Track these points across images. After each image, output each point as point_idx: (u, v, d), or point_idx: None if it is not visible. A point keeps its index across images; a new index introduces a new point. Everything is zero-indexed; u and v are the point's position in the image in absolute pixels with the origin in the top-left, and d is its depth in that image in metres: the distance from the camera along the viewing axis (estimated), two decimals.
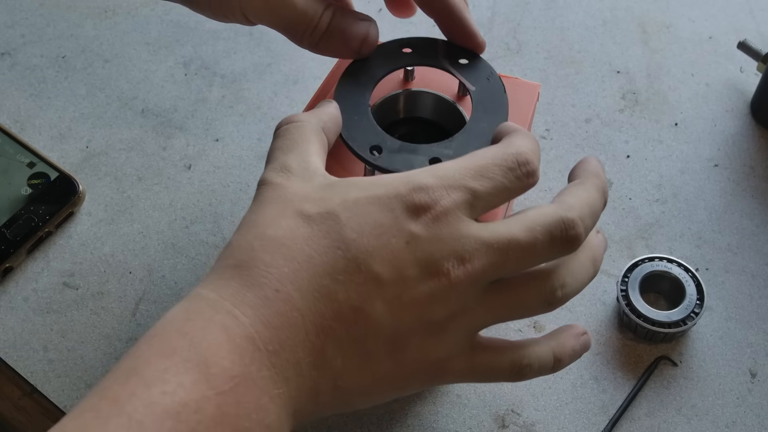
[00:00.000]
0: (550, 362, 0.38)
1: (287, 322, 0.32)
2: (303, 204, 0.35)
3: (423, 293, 0.34)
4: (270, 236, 0.34)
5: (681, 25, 0.66)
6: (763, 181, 0.57)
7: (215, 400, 0.30)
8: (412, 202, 0.34)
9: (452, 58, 0.46)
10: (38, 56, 0.64)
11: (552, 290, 0.36)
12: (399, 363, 0.34)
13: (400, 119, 0.48)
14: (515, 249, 0.35)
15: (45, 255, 0.54)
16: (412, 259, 0.34)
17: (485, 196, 0.35)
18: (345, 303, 0.33)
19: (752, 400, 0.48)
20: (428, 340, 0.34)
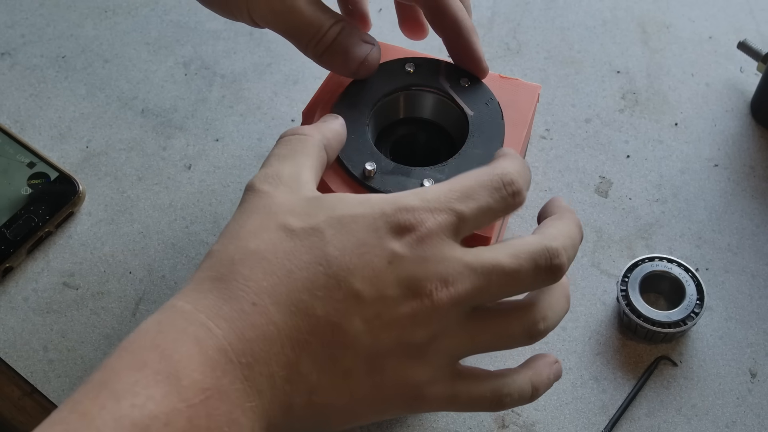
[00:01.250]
0: (529, 392, 0.37)
1: (262, 335, 0.32)
2: (287, 217, 0.35)
3: (404, 314, 0.33)
4: (251, 249, 0.34)
5: (681, 25, 0.66)
6: (763, 181, 0.57)
7: (186, 412, 0.29)
8: (397, 223, 0.34)
9: (453, 80, 0.47)
10: (38, 56, 0.64)
11: (534, 322, 0.36)
12: (377, 385, 0.34)
13: (400, 119, 0.48)
14: (499, 274, 0.34)
15: (45, 255, 0.54)
16: (393, 279, 0.33)
17: (471, 218, 0.35)
18: (323, 318, 0.33)
19: (752, 400, 0.48)
20: (408, 363, 0.34)
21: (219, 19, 0.66)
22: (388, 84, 0.47)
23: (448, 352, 0.35)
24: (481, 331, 0.35)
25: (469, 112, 0.46)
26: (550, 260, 0.35)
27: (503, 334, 0.36)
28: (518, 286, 0.35)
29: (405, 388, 0.34)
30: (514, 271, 0.35)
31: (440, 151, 0.47)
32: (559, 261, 0.35)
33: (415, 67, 0.47)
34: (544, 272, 0.35)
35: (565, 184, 0.57)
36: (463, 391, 0.36)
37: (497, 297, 0.35)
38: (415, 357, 0.34)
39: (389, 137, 0.48)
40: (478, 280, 0.34)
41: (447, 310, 0.34)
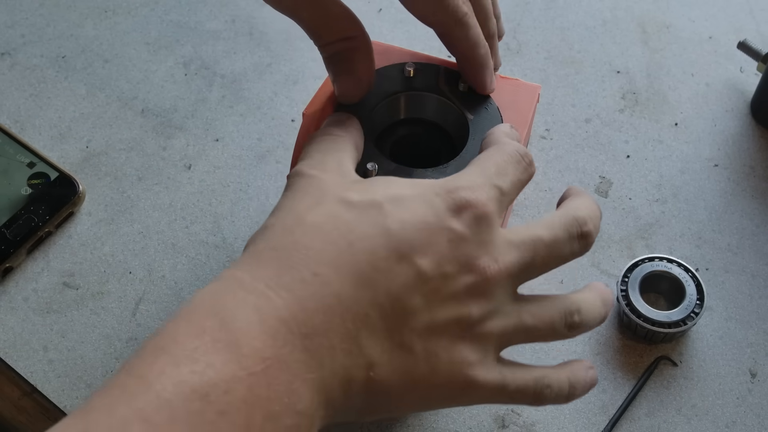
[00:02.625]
0: (566, 389, 0.38)
1: (323, 306, 0.32)
2: (344, 192, 0.35)
3: (460, 289, 0.34)
4: (310, 221, 0.34)
5: (681, 25, 0.66)
6: (763, 181, 0.57)
7: (246, 381, 0.29)
8: (453, 201, 0.35)
9: (452, 84, 0.47)
10: (38, 56, 0.64)
11: (570, 312, 0.37)
12: (432, 366, 0.34)
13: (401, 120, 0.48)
14: (540, 245, 0.36)
15: (45, 255, 0.54)
16: (452, 256, 0.34)
17: (509, 192, 0.37)
18: (383, 292, 0.33)
19: (752, 400, 0.49)
20: (461, 343, 0.34)
21: (219, 19, 0.66)
22: (388, 88, 0.47)
23: (498, 334, 0.35)
24: (526, 314, 0.36)
25: (469, 116, 0.46)
26: (580, 228, 0.38)
27: (545, 319, 0.37)
28: (558, 256, 0.37)
29: (457, 373, 0.35)
30: (552, 241, 0.37)
31: (441, 153, 0.47)
32: (588, 228, 0.38)
33: (415, 71, 0.47)
34: (577, 239, 0.37)
35: (565, 184, 0.57)
36: (510, 378, 0.36)
37: (541, 269, 0.37)
38: (468, 337, 0.34)
39: (389, 138, 0.48)
40: (523, 254, 0.36)
41: (499, 284, 0.35)
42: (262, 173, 0.58)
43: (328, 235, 0.33)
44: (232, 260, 0.54)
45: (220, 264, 0.54)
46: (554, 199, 0.56)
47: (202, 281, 0.53)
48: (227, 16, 0.66)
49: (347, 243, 0.33)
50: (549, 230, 0.37)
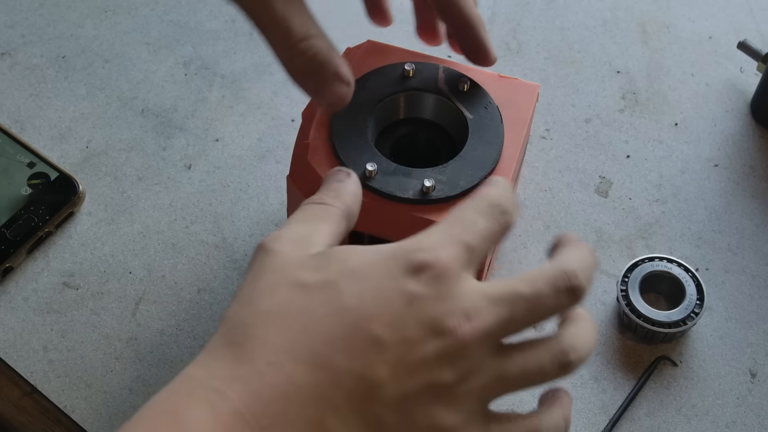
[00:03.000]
0: (562, 426, 0.36)
1: (281, 394, 0.31)
2: (299, 272, 0.34)
3: (429, 354, 0.32)
4: (264, 311, 0.33)
5: (681, 25, 0.66)
6: (763, 181, 0.57)
7: None
8: (411, 263, 0.33)
9: (452, 84, 0.47)
10: (38, 56, 0.64)
11: (563, 352, 0.35)
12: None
13: (401, 120, 0.48)
14: (519, 301, 0.34)
15: (45, 255, 0.54)
16: (414, 320, 0.32)
17: (478, 247, 0.35)
18: (345, 370, 0.31)
19: (752, 400, 0.48)
20: (438, 409, 0.32)
21: (219, 19, 0.66)
22: (388, 88, 0.47)
23: (479, 394, 0.33)
24: (510, 366, 0.34)
25: (469, 116, 0.46)
26: (568, 281, 0.35)
27: (533, 368, 0.35)
28: (540, 312, 0.34)
29: None
30: (534, 296, 0.34)
31: (440, 152, 0.47)
32: (578, 282, 0.35)
33: (415, 71, 0.47)
34: (564, 294, 0.34)
35: (565, 184, 0.57)
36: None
37: (521, 326, 0.34)
38: (446, 401, 0.33)
39: (389, 138, 0.48)
40: (500, 310, 0.33)
41: (473, 345, 0.33)
42: (262, 173, 0.58)
43: (282, 322, 0.32)
44: (232, 260, 0.54)
45: (220, 264, 0.54)
46: (554, 199, 0.56)
47: (202, 281, 0.53)
48: (227, 16, 0.66)
49: (302, 327, 0.32)
50: (531, 285, 0.34)
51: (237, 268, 0.54)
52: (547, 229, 0.55)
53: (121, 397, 0.49)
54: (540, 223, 0.55)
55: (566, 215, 0.56)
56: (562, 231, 0.55)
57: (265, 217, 0.56)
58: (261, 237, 0.55)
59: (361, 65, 0.48)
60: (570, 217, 0.56)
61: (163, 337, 0.51)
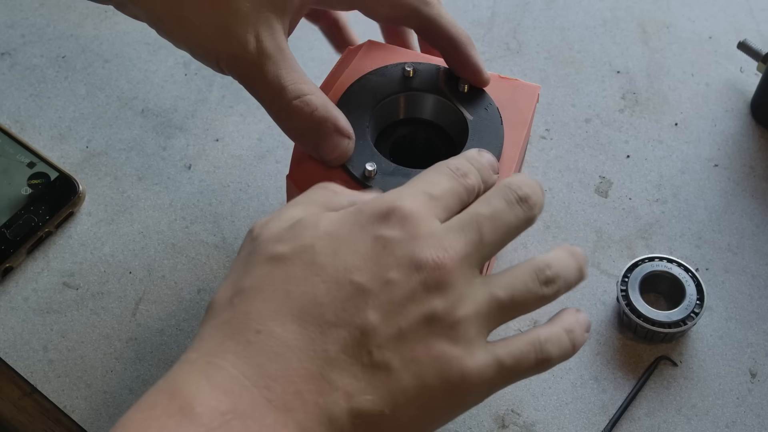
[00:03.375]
0: (566, 339, 0.36)
1: (274, 356, 0.31)
2: (275, 246, 0.35)
3: (415, 288, 0.33)
4: (246, 287, 0.33)
5: (681, 25, 0.66)
6: (763, 181, 0.57)
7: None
8: (376, 210, 0.34)
9: (452, 85, 0.47)
10: (38, 56, 0.64)
11: (540, 268, 0.36)
12: (416, 375, 0.32)
13: (400, 120, 0.48)
14: (482, 220, 0.35)
15: (45, 255, 0.54)
16: (392, 262, 0.33)
17: (441, 198, 0.36)
18: (333, 322, 0.32)
19: (752, 400, 0.49)
20: (438, 338, 0.33)
21: None
22: (388, 88, 0.47)
23: (475, 319, 0.34)
24: (496, 289, 0.35)
25: (469, 117, 0.46)
26: (515, 192, 0.37)
27: (519, 286, 0.35)
28: (505, 227, 0.36)
29: (446, 371, 0.33)
30: (492, 212, 0.36)
31: (440, 153, 0.47)
32: (524, 191, 0.37)
33: (415, 71, 0.47)
34: (517, 205, 0.36)
35: (565, 184, 0.57)
36: (503, 353, 0.34)
37: (494, 243, 0.36)
38: (443, 331, 0.33)
39: (389, 138, 0.48)
40: (469, 234, 0.35)
41: (454, 272, 0.34)
42: (262, 173, 0.58)
43: (264, 293, 0.33)
44: (232, 260, 0.54)
45: (220, 264, 0.54)
46: (554, 199, 0.56)
47: (202, 281, 0.53)
48: None
49: (284, 293, 0.33)
50: (486, 204, 0.36)
51: None
52: (547, 229, 0.55)
53: (121, 397, 0.49)
54: (540, 223, 0.55)
55: (566, 215, 0.56)
56: (562, 230, 0.55)
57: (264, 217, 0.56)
58: None
59: (361, 65, 0.48)
60: (570, 217, 0.56)
61: (163, 337, 0.51)
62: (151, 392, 0.31)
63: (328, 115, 0.42)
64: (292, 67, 0.42)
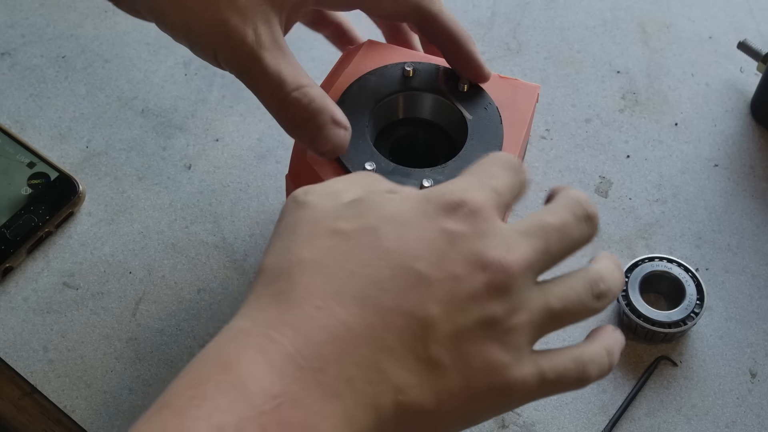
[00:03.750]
0: (606, 359, 0.37)
1: (332, 336, 0.31)
2: (337, 222, 0.34)
3: (477, 288, 0.32)
4: (307, 259, 0.33)
5: (681, 25, 0.66)
6: (763, 181, 0.57)
7: (257, 420, 0.28)
8: (445, 202, 0.34)
9: (452, 84, 0.47)
10: (38, 56, 0.64)
11: (594, 281, 0.36)
12: (464, 376, 0.32)
13: (400, 120, 0.48)
14: (550, 230, 0.35)
15: (45, 255, 0.54)
16: (458, 257, 0.33)
17: (503, 194, 0.36)
18: (395, 310, 0.31)
19: (752, 400, 0.49)
20: (492, 344, 0.33)
21: None
22: (387, 88, 0.47)
23: (527, 329, 0.34)
24: (551, 298, 0.35)
25: (468, 117, 0.46)
26: (583, 208, 0.37)
27: (572, 297, 0.35)
28: (570, 240, 0.36)
29: (493, 377, 0.33)
30: (561, 225, 0.35)
31: (439, 153, 0.47)
32: (592, 209, 0.37)
33: (414, 71, 0.47)
34: (584, 221, 0.36)
35: (565, 184, 0.57)
36: (547, 367, 0.34)
37: (556, 257, 0.36)
38: (497, 337, 0.33)
39: (389, 138, 0.48)
40: (536, 241, 0.34)
41: (518, 277, 0.33)
42: (262, 173, 0.58)
43: (327, 269, 0.32)
44: (232, 260, 0.54)
45: (220, 264, 0.54)
46: None
47: (202, 281, 0.53)
48: None
49: (348, 273, 0.32)
50: (555, 215, 0.36)
51: (237, 268, 0.54)
52: None
53: (121, 397, 0.49)
54: None
55: None
56: None
57: (265, 217, 0.56)
58: (261, 237, 0.55)
59: (361, 65, 0.48)
60: None
61: (163, 337, 0.51)
62: (201, 362, 0.30)
63: (325, 107, 0.42)
64: (290, 61, 0.42)
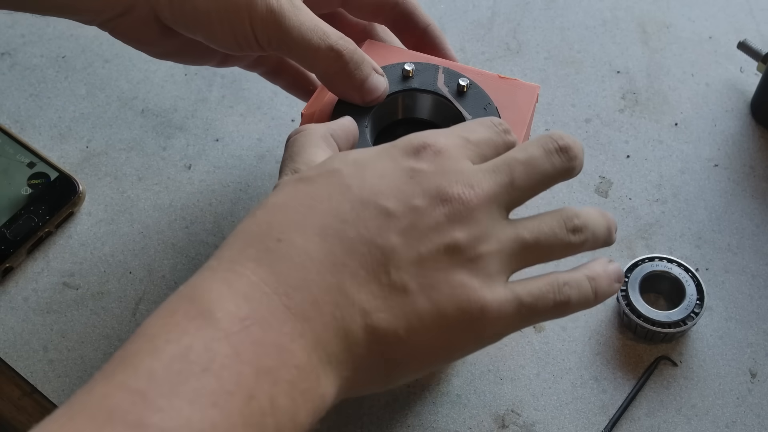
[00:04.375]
0: (588, 286, 0.36)
1: (294, 265, 0.32)
2: (304, 173, 0.35)
3: (438, 219, 0.33)
4: (271, 203, 0.34)
5: (681, 25, 0.66)
6: (763, 181, 0.57)
7: (226, 340, 0.29)
8: (410, 146, 0.35)
9: (452, 85, 0.47)
10: (38, 56, 0.64)
11: (568, 217, 0.36)
12: (433, 301, 0.33)
13: (399, 120, 0.48)
14: (515, 164, 0.36)
15: (45, 255, 0.54)
16: (419, 191, 0.34)
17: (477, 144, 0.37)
18: (356, 239, 0.32)
19: (752, 400, 0.49)
20: (458, 270, 0.33)
21: None
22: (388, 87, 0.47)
23: (497, 257, 0.34)
24: (522, 230, 0.35)
25: (468, 117, 0.46)
26: (556, 141, 0.37)
27: (545, 230, 0.36)
28: (539, 173, 0.36)
29: (464, 300, 0.33)
30: (528, 158, 0.36)
31: None
32: (565, 142, 0.37)
33: (414, 71, 0.47)
34: (556, 154, 0.37)
35: (565, 184, 0.57)
36: (521, 290, 0.34)
37: (524, 191, 0.36)
38: (464, 264, 0.33)
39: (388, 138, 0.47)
40: (500, 176, 0.35)
41: (480, 209, 0.34)
42: (262, 173, 0.58)
43: (289, 207, 0.33)
44: None
45: None
46: (554, 199, 0.56)
47: None
48: None
49: (308, 207, 0.33)
50: (523, 150, 0.36)
51: None
52: None
53: None
54: None
55: None
56: None
57: None
58: None
59: None
60: None
61: None
62: (172, 299, 0.31)
63: (365, 55, 0.44)
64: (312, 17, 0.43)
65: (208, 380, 0.28)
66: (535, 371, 0.49)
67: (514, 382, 0.49)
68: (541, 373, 0.49)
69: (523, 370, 0.50)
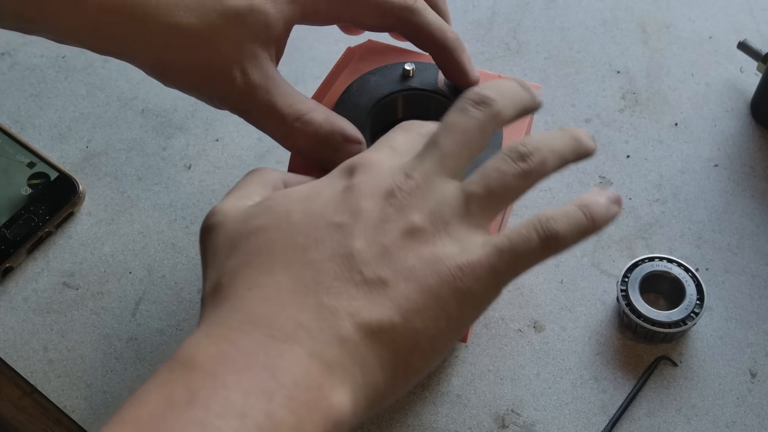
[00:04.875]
0: (579, 213, 0.35)
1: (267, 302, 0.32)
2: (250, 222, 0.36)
3: (387, 211, 0.34)
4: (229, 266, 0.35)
5: (681, 25, 0.66)
6: (763, 181, 0.57)
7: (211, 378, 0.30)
8: (344, 167, 0.37)
9: (452, 84, 0.47)
10: (38, 56, 0.64)
11: (511, 149, 0.36)
12: (411, 278, 0.33)
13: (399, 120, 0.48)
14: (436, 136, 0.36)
15: (45, 255, 0.54)
16: (361, 196, 0.34)
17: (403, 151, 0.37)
18: (321, 259, 0.33)
19: (752, 400, 0.49)
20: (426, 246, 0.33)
21: None
22: (388, 87, 0.47)
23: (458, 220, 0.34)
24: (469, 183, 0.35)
25: None
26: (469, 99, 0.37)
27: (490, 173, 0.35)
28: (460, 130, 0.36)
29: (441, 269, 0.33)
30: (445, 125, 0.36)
31: None
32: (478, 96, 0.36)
33: (414, 71, 0.47)
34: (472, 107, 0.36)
35: (565, 184, 0.57)
36: (500, 240, 0.34)
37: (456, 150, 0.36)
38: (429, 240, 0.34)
39: None
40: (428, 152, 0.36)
41: (422, 187, 0.35)
42: None
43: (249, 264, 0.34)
44: None
45: None
46: (554, 199, 0.56)
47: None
48: None
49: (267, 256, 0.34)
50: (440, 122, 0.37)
51: None
52: None
53: (121, 397, 0.49)
54: None
55: None
56: None
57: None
58: None
59: (361, 65, 0.48)
60: None
61: (163, 337, 0.51)
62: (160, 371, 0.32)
63: (334, 127, 0.43)
64: (286, 91, 0.43)
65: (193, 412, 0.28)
66: (535, 371, 0.49)
67: (514, 382, 0.49)
68: (541, 373, 0.49)
69: (523, 370, 0.50)
